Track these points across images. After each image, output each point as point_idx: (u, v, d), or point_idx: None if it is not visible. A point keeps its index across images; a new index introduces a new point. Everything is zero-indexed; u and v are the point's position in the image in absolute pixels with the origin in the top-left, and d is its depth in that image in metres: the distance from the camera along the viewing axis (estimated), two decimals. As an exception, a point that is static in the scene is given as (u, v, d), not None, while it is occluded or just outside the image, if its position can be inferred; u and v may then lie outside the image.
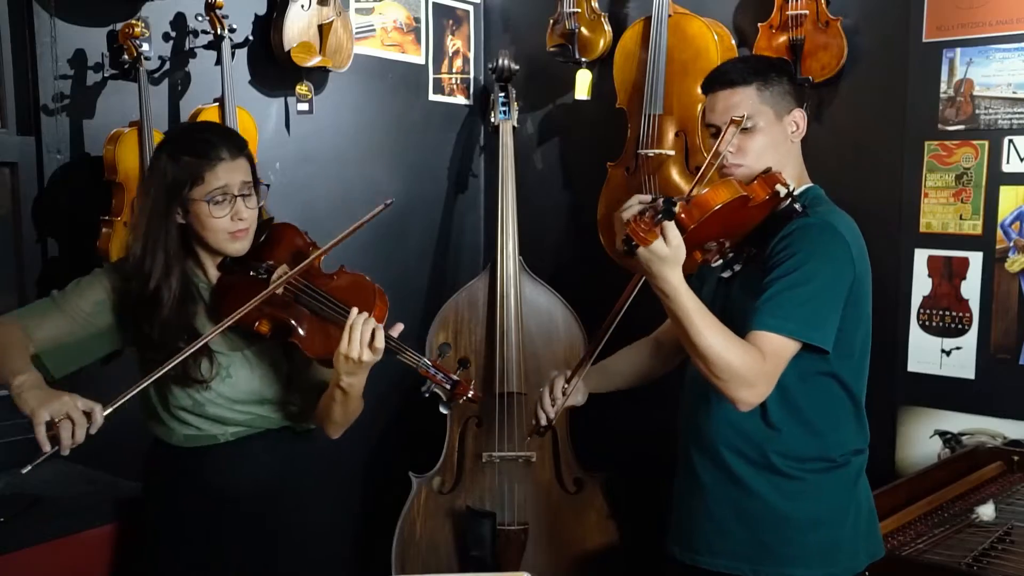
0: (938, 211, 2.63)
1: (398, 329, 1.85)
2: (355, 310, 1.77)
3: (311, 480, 2.04)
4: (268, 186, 1.94)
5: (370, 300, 1.81)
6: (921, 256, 2.67)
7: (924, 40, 2.63)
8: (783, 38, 2.73)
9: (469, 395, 1.90)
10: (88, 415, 1.66)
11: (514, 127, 3.32)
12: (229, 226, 1.82)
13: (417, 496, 3.17)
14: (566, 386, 2.03)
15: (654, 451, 3.24)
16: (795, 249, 1.72)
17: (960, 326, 2.61)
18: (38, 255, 2.50)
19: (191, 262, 1.90)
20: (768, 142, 1.80)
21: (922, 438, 2.65)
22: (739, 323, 1.72)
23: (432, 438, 3.23)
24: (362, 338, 1.75)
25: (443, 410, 1.94)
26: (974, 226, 2.58)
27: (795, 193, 1.73)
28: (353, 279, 1.88)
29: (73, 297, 1.85)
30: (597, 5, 3.20)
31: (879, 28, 2.71)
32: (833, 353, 1.75)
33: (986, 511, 2.14)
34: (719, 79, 1.86)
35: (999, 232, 2.55)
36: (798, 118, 1.85)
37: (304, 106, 3.00)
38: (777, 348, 1.69)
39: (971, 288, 2.59)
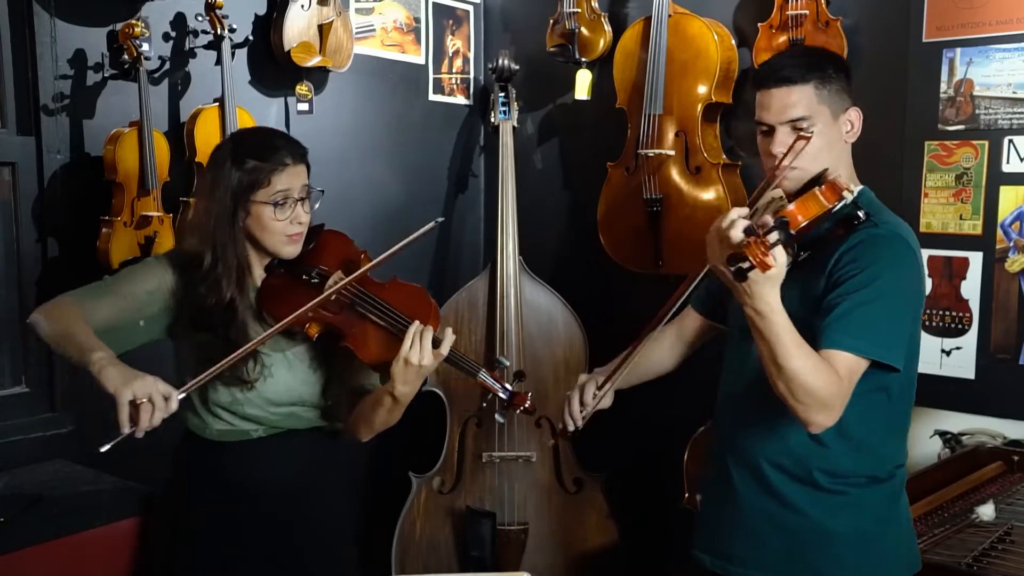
0: (938, 211, 2.63)
1: (450, 339, 1.88)
2: (416, 321, 1.82)
3: (334, 480, 2.08)
4: (323, 192, 1.99)
5: (427, 310, 1.87)
6: (921, 256, 2.67)
7: (924, 40, 2.63)
8: (783, 38, 2.73)
9: (526, 405, 1.95)
10: (167, 399, 1.70)
11: (514, 127, 3.32)
12: (288, 229, 1.87)
13: (417, 496, 3.17)
14: (597, 392, 1.97)
15: (654, 451, 3.25)
16: (865, 263, 1.65)
17: (960, 326, 2.61)
18: (38, 255, 2.50)
19: None
20: (824, 143, 1.71)
21: (922, 438, 2.65)
22: None
23: (432, 438, 3.23)
24: (424, 344, 1.80)
25: (499, 419, 2.00)
26: (974, 226, 2.58)
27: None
28: (410, 289, 1.93)
29: (127, 283, 1.89)
30: (597, 5, 3.20)
31: (879, 28, 2.71)
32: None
33: (986, 511, 2.14)
34: (774, 75, 1.75)
35: (999, 232, 2.55)
36: (853, 117, 1.77)
37: (304, 106, 3.00)
38: (852, 368, 1.62)
39: (971, 288, 2.59)
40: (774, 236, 1.44)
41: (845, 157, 1.79)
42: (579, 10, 3.15)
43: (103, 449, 1.69)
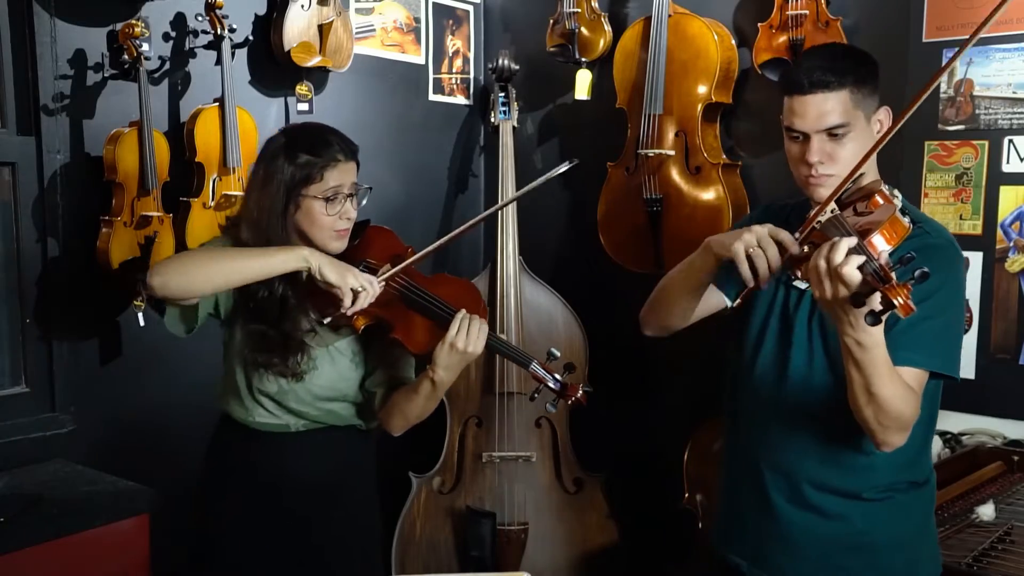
0: (938, 211, 2.63)
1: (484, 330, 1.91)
2: (463, 309, 1.87)
3: (364, 481, 2.12)
4: (370, 188, 2.02)
5: (476, 302, 1.92)
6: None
7: (924, 40, 2.63)
8: (783, 38, 2.73)
9: (579, 395, 1.96)
10: (373, 284, 1.84)
11: (514, 127, 3.32)
12: (336, 224, 1.91)
13: (417, 496, 3.17)
14: (799, 235, 1.67)
15: (654, 451, 3.25)
16: None
17: (960, 326, 2.61)
18: (38, 255, 2.50)
19: None
20: (859, 148, 1.64)
21: (922, 438, 2.65)
22: (815, 334, 1.68)
23: (432, 438, 3.23)
24: (471, 330, 1.85)
25: (550, 408, 2.00)
26: (974, 226, 2.58)
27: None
28: (458, 283, 2.00)
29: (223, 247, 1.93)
30: (597, 5, 3.20)
31: (879, 28, 2.71)
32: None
33: (986, 511, 2.14)
34: (808, 80, 1.66)
35: (999, 232, 2.55)
36: (883, 116, 1.71)
37: (304, 106, 3.00)
38: (921, 383, 1.60)
39: (971, 288, 2.58)
40: (902, 275, 1.32)
41: (873, 158, 1.70)
42: (579, 10, 3.15)
43: (326, 321, 1.88)
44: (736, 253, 1.62)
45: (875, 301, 1.31)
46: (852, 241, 1.36)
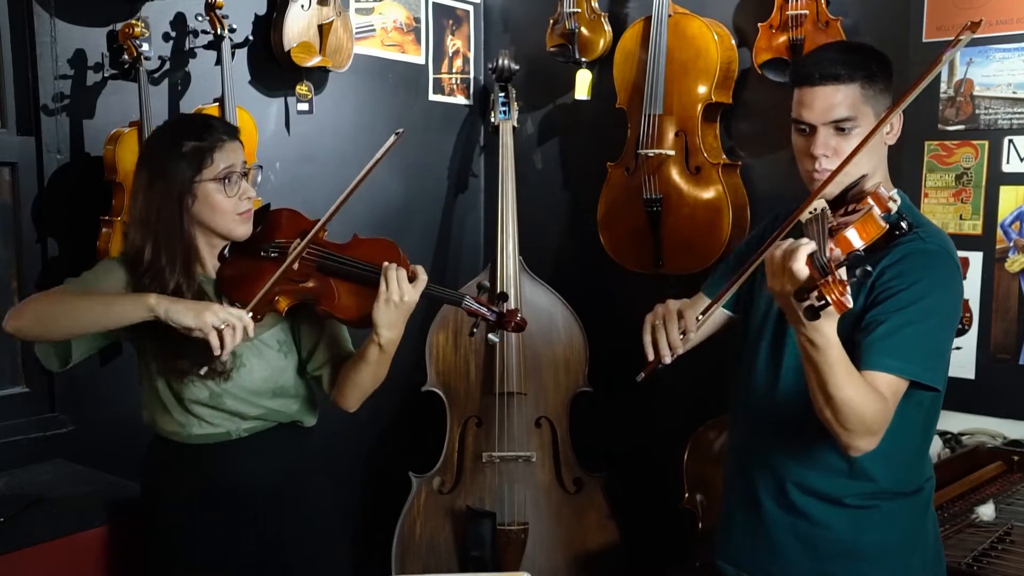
0: (938, 211, 2.63)
1: (423, 272, 1.87)
2: (385, 262, 1.82)
3: (317, 477, 2.06)
4: (261, 167, 1.98)
5: (394, 255, 1.87)
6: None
7: (924, 40, 2.63)
8: (783, 38, 2.73)
9: (517, 319, 1.93)
10: (240, 319, 1.74)
11: (514, 127, 3.32)
12: (238, 206, 1.86)
13: (417, 496, 3.17)
14: (700, 316, 1.75)
15: (654, 451, 3.25)
16: (913, 278, 1.58)
17: (960, 326, 2.61)
18: (38, 255, 2.50)
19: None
20: (866, 146, 1.58)
21: (922, 438, 2.65)
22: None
23: (432, 438, 3.23)
24: (400, 280, 1.80)
25: (493, 338, 1.96)
26: (974, 226, 2.58)
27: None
28: (373, 242, 1.94)
29: (96, 281, 1.87)
30: (597, 5, 3.20)
31: (879, 28, 2.71)
32: None
33: (986, 511, 2.14)
34: (819, 72, 1.64)
35: (999, 232, 2.55)
36: (894, 119, 1.65)
37: (304, 106, 3.00)
38: (896, 390, 1.56)
39: (971, 288, 2.58)
40: (849, 273, 1.34)
41: (884, 160, 1.72)
42: (579, 10, 3.15)
43: (202, 372, 1.78)
44: (644, 325, 1.77)
45: (815, 296, 1.32)
46: (811, 245, 1.37)
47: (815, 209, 1.48)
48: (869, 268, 1.35)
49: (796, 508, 1.74)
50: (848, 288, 1.30)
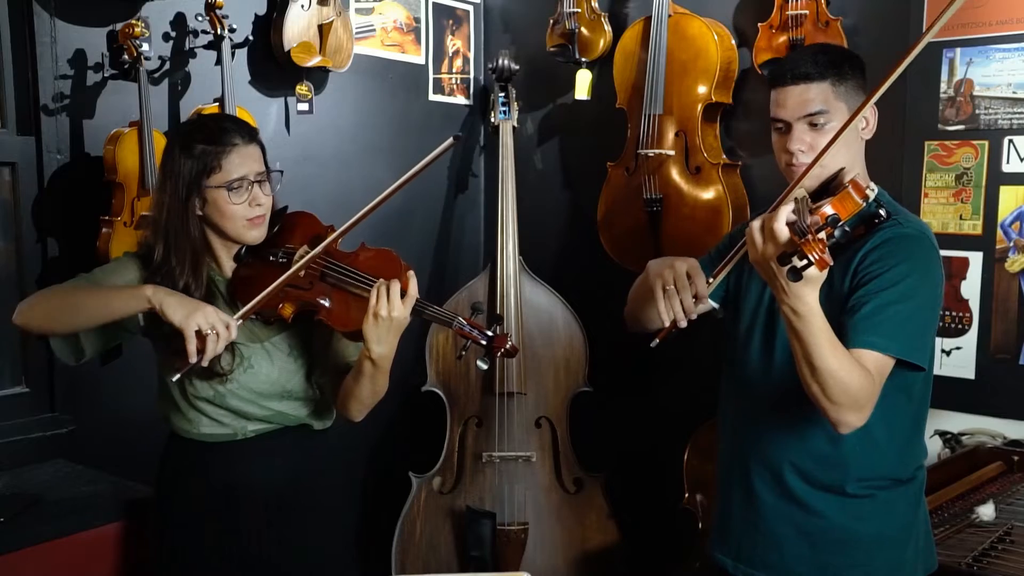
0: (938, 211, 2.63)
1: (415, 284, 1.83)
2: (381, 279, 1.79)
3: (325, 480, 2.05)
4: (281, 172, 1.95)
5: (395, 268, 1.84)
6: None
7: (924, 40, 2.63)
8: (783, 38, 2.73)
9: (507, 347, 1.88)
10: (227, 327, 1.71)
11: (514, 127, 3.32)
12: (247, 212, 1.84)
13: (417, 496, 3.17)
14: (711, 280, 1.78)
15: (654, 451, 3.25)
16: (894, 261, 1.65)
17: (960, 326, 2.61)
18: (38, 255, 2.50)
19: (208, 256, 1.91)
20: (842, 140, 1.66)
21: (922, 438, 2.65)
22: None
23: (432, 438, 3.23)
24: (391, 296, 1.76)
25: (482, 364, 1.90)
26: (974, 226, 2.58)
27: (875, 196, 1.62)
28: (377, 252, 1.90)
29: (108, 277, 1.87)
30: (597, 5, 3.20)
31: (879, 28, 2.71)
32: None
33: (986, 511, 2.14)
34: (791, 72, 1.74)
35: (999, 232, 2.55)
36: (869, 114, 1.74)
37: (304, 106, 3.00)
38: (881, 368, 1.61)
39: (971, 288, 2.59)
40: (829, 233, 1.42)
41: (860, 155, 1.78)
42: (579, 10, 3.15)
43: (174, 379, 1.74)
44: (654, 290, 1.76)
45: (796, 257, 1.39)
46: (790, 212, 1.46)
47: (797, 198, 1.54)
48: (847, 228, 1.43)
49: (794, 498, 1.76)
50: (827, 248, 1.38)
